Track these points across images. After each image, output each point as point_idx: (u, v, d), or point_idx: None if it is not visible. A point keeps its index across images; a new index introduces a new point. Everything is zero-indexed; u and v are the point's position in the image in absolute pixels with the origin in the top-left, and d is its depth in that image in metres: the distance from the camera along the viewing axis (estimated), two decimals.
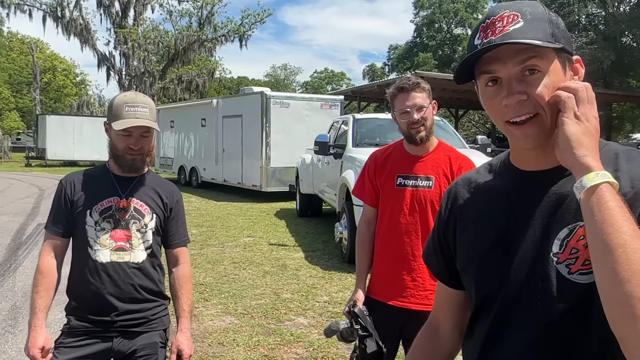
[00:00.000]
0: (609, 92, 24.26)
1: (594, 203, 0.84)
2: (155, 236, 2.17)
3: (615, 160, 0.96)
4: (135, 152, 2.08)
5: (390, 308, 2.32)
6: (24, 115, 52.58)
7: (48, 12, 31.94)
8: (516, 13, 0.96)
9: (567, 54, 0.98)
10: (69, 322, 2.11)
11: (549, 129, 0.96)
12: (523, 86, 0.94)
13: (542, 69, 0.94)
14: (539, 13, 0.97)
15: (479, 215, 1.11)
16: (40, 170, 26.52)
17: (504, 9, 0.97)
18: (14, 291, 5.73)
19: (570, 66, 0.99)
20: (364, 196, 2.52)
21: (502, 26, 0.95)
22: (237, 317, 4.95)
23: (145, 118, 2.04)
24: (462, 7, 47.63)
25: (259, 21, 32.91)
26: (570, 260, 0.94)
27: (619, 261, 0.78)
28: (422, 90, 2.28)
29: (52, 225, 2.14)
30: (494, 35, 0.95)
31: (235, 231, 9.50)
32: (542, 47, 0.93)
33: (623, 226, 0.80)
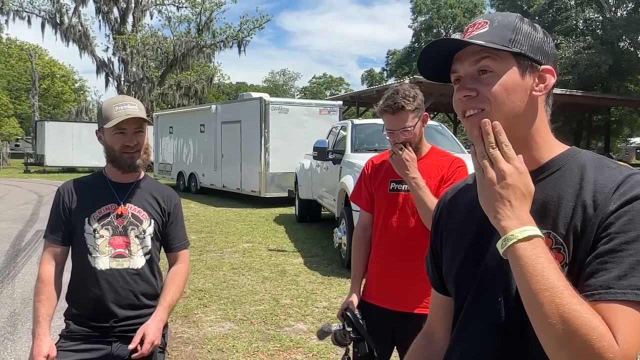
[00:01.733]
0: (607, 96, 24.30)
1: (515, 262, 0.89)
2: (154, 241, 2.18)
3: (583, 169, 0.99)
4: (132, 150, 2.09)
5: (383, 311, 2.34)
6: (22, 122, 52.56)
7: (47, 19, 32.02)
8: (486, 20, 1.04)
9: (532, 61, 1.02)
10: (67, 327, 2.11)
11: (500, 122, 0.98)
12: (475, 84, 1.01)
13: (495, 69, 1.00)
14: (507, 21, 1.03)
15: (459, 223, 1.16)
16: (39, 177, 26.49)
17: (482, 17, 1.06)
18: (13, 298, 5.72)
19: (536, 74, 1.03)
20: (360, 202, 2.55)
21: (471, 31, 1.04)
22: (237, 323, 4.94)
23: (135, 113, 2.06)
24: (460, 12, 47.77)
25: (257, 27, 33.06)
26: None
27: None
28: (408, 112, 2.25)
29: (51, 234, 2.14)
30: (468, 35, 1.04)
31: (235, 237, 9.50)
32: (488, 48, 0.99)
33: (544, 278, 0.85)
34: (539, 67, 1.03)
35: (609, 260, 0.88)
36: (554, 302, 0.83)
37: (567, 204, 0.97)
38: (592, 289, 0.88)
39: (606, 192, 0.93)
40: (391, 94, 2.28)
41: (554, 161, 1.03)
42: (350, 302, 2.39)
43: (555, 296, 0.83)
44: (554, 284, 0.84)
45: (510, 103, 1.00)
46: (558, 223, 0.96)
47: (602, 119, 31.05)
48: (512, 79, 1.00)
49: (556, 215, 0.97)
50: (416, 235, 2.32)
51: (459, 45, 1.02)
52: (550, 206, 0.99)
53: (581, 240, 0.93)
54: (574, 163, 1.01)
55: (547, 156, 1.03)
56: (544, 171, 1.02)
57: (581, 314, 0.82)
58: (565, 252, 0.95)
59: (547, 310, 0.84)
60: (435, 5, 48.56)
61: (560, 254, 0.95)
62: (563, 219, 0.96)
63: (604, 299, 0.86)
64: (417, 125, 2.29)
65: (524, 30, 1.02)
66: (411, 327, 2.32)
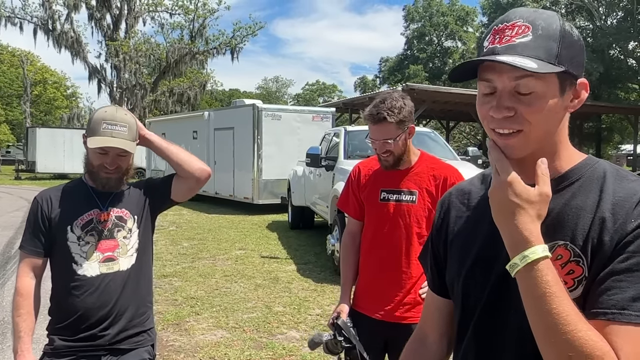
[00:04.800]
0: (598, 103, 24.47)
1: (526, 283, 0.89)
2: (143, 235, 2.13)
3: (602, 180, 0.97)
4: (110, 171, 2.03)
5: (374, 321, 2.32)
6: (14, 128, 52.20)
7: (39, 25, 31.87)
8: (528, 25, 0.94)
9: (572, 76, 0.96)
10: (51, 343, 2.03)
11: (532, 145, 0.96)
12: (513, 101, 0.94)
13: (537, 89, 0.93)
14: (551, 29, 0.94)
15: (467, 228, 1.13)
16: (30, 184, 26.28)
17: (520, 17, 0.96)
18: (3, 306, 5.65)
19: (573, 89, 0.98)
20: (348, 209, 2.51)
21: (510, 36, 0.94)
22: (229, 331, 4.90)
23: (123, 138, 1.97)
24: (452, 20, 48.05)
25: (250, 34, 33.03)
26: None
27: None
28: (390, 124, 2.21)
29: (29, 245, 2.05)
30: (500, 44, 0.94)
31: (227, 244, 9.45)
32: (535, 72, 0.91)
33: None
34: (576, 82, 0.97)
35: (625, 279, 0.86)
36: (560, 328, 0.83)
37: (585, 216, 0.94)
38: (604, 307, 0.86)
39: (627, 207, 0.91)
40: (377, 103, 2.24)
41: (574, 171, 1.00)
42: (340, 311, 2.36)
43: (561, 322, 0.83)
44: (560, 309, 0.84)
45: (548, 124, 0.96)
46: (576, 235, 0.94)
47: (593, 126, 31.26)
48: (554, 100, 0.94)
49: (575, 227, 0.95)
50: (407, 245, 2.30)
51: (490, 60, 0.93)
52: (569, 217, 0.96)
53: (598, 254, 0.91)
54: (593, 173, 0.98)
55: (567, 165, 1.01)
56: (564, 180, 1.00)
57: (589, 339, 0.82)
58: (583, 264, 0.92)
59: (552, 335, 0.84)
60: (428, 13, 48.82)
61: (579, 267, 0.93)
62: (581, 230, 0.94)
63: (617, 320, 0.84)
64: (400, 137, 2.24)
65: (567, 40, 0.94)
66: (403, 336, 2.30)
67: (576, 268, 0.92)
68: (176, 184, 2.22)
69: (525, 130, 0.94)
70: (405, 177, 2.35)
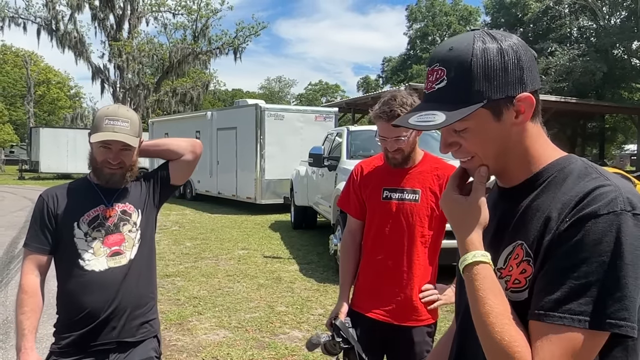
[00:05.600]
0: (601, 103, 24.44)
1: (466, 285, 0.99)
2: (146, 228, 2.15)
3: (565, 179, 0.98)
4: (113, 167, 2.04)
5: (373, 321, 2.30)
6: (17, 128, 52.36)
7: (42, 25, 31.95)
8: (443, 68, 0.98)
9: (504, 99, 0.97)
10: (59, 342, 2.03)
11: (491, 162, 1.03)
12: (455, 137, 1.02)
13: (469, 125, 0.99)
14: (464, 68, 0.96)
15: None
16: (34, 183, 26.35)
17: (437, 60, 1.00)
18: (6, 306, 5.67)
19: (512, 108, 0.98)
20: (348, 208, 2.49)
21: (432, 82, 1.00)
22: (231, 331, 4.91)
23: (125, 133, 1.99)
24: (455, 19, 48.01)
25: (253, 34, 33.01)
26: (508, 276, 0.99)
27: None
28: None
29: (33, 242, 2.06)
30: (427, 90, 1.02)
31: (230, 244, 9.46)
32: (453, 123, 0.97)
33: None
34: (513, 101, 0.97)
35: (554, 281, 0.89)
36: (490, 324, 0.91)
37: (540, 216, 0.96)
38: (535, 308, 0.90)
39: (569, 208, 0.92)
40: (387, 100, 2.21)
41: (544, 171, 1.02)
42: (338, 312, 2.35)
43: (487, 323, 0.92)
44: (493, 308, 0.92)
45: (495, 146, 1.01)
46: (530, 235, 0.96)
47: (596, 126, 31.21)
48: (489, 128, 0.98)
49: (531, 227, 0.97)
50: (409, 245, 2.28)
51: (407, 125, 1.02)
52: (528, 217, 0.99)
53: (540, 254, 0.93)
54: (561, 173, 0.99)
55: (540, 164, 1.03)
56: (535, 181, 1.02)
57: (505, 336, 0.90)
58: (532, 264, 0.95)
59: (484, 329, 0.93)
60: (431, 13, 48.80)
61: (529, 266, 0.95)
62: (533, 230, 0.96)
63: (542, 320, 0.88)
64: (411, 135, 2.23)
65: (484, 69, 0.95)
66: (402, 338, 2.30)
67: (527, 267, 0.95)
68: (173, 168, 2.26)
69: (476, 156, 1.03)
70: (409, 175, 2.33)
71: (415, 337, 2.27)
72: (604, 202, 0.88)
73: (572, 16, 29.97)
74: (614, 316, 0.84)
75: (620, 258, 0.84)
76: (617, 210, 0.87)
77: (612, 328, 0.84)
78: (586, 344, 0.85)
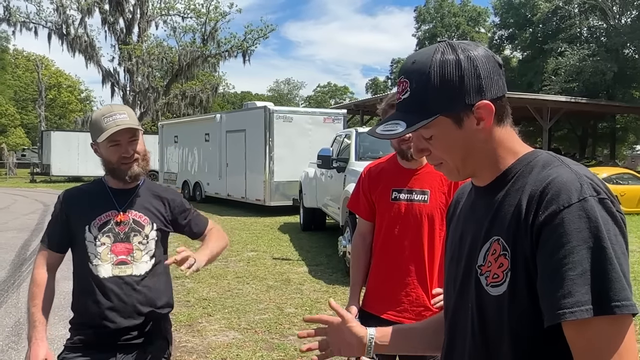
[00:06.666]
0: (612, 103, 24.23)
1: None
2: (160, 245, 2.15)
3: (530, 171, 1.01)
4: (129, 160, 2.05)
5: (384, 322, 2.30)
6: (29, 132, 52.85)
7: (53, 30, 32.28)
8: (406, 80, 1.04)
9: (463, 108, 1.00)
10: (72, 337, 2.09)
11: (457, 169, 1.07)
12: (424, 144, 1.07)
13: (434, 133, 1.04)
14: (422, 81, 1.01)
15: (452, 227, 1.23)
16: (45, 186, 26.60)
17: (402, 72, 1.06)
18: (18, 307, 5.72)
19: (472, 115, 1.01)
20: (358, 210, 2.50)
21: (399, 93, 1.05)
22: (241, 332, 4.92)
23: (126, 123, 2.01)
24: (464, 20, 47.86)
25: (262, 37, 33.16)
26: (487, 272, 1.01)
27: None
28: None
29: (48, 240, 2.13)
30: (398, 100, 1.06)
31: (239, 246, 9.49)
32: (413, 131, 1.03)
33: None
34: (472, 109, 1.01)
35: (552, 279, 0.89)
36: None
37: (511, 209, 0.98)
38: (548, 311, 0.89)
39: (535, 197, 0.94)
40: (392, 94, 2.25)
41: (513, 167, 1.04)
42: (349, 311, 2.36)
43: None
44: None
45: (460, 152, 1.04)
46: (505, 229, 0.98)
47: (607, 127, 30.95)
48: (452, 135, 1.03)
49: (504, 221, 0.99)
50: (419, 245, 2.29)
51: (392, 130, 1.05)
52: (501, 212, 1.01)
53: (517, 246, 0.95)
54: (527, 167, 1.02)
55: (508, 162, 1.05)
56: (504, 178, 1.04)
57: None
58: (508, 257, 0.96)
59: None
60: (439, 14, 48.67)
61: (506, 260, 0.96)
62: (508, 224, 0.98)
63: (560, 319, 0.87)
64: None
65: (441, 81, 1.00)
66: None
67: (504, 261, 0.97)
68: (194, 239, 2.32)
69: (444, 162, 1.07)
70: (417, 176, 2.34)
71: None
72: (572, 190, 0.90)
73: (582, 16, 29.77)
74: (616, 297, 0.84)
75: (604, 241, 0.86)
76: (586, 196, 0.89)
77: (621, 310, 0.84)
78: (605, 330, 0.85)
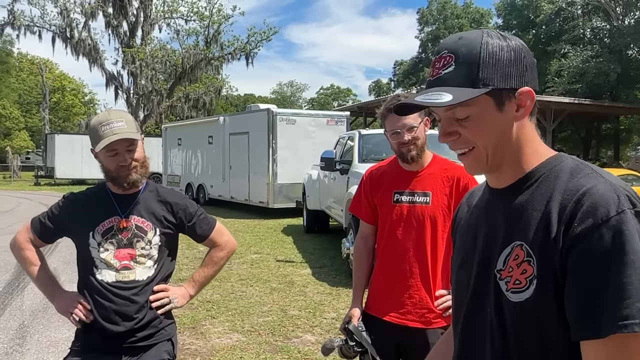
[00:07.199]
0: (615, 104, 24.16)
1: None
2: (164, 250, 2.15)
3: (557, 177, 0.98)
4: (127, 169, 2.05)
5: (387, 324, 2.30)
6: (33, 135, 53.06)
7: (57, 33, 32.40)
8: (451, 54, 1.00)
9: (507, 90, 0.99)
10: (77, 340, 2.11)
11: (487, 158, 1.03)
12: (455, 126, 1.02)
13: (471, 113, 0.99)
14: (472, 54, 0.99)
15: (463, 231, 1.19)
16: (49, 189, 26.67)
17: (445, 48, 1.03)
18: (22, 310, 5.73)
19: (514, 100, 1.00)
20: (360, 213, 2.50)
21: (438, 68, 1.01)
22: (244, 335, 4.92)
23: (123, 132, 2.00)
24: (467, 22, 47.84)
25: (264, 39, 33.19)
26: (508, 278, 0.98)
27: None
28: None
29: (39, 223, 2.17)
30: (432, 76, 1.02)
31: (242, 248, 9.49)
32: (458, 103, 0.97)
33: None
34: (515, 94, 1.00)
35: (589, 293, 0.87)
36: None
37: (537, 215, 0.96)
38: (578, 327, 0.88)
39: (569, 207, 0.91)
40: (391, 98, 2.30)
41: (536, 170, 1.02)
42: (351, 315, 2.35)
43: None
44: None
45: (495, 137, 1.01)
46: (528, 234, 0.96)
47: (611, 128, 30.86)
48: (491, 117, 1.00)
49: (528, 227, 0.97)
50: (422, 247, 2.29)
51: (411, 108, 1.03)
52: (524, 217, 0.98)
53: (545, 254, 0.93)
54: (552, 172, 1.00)
55: (531, 165, 1.03)
56: (527, 181, 1.02)
57: None
58: (534, 264, 0.94)
59: None
60: (442, 16, 48.67)
61: (530, 267, 0.94)
62: (532, 230, 0.96)
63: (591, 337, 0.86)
64: (420, 127, 2.27)
65: (491, 59, 0.98)
66: (416, 341, 2.29)
67: (528, 268, 0.94)
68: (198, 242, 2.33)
69: (476, 146, 1.02)
70: (419, 178, 2.34)
71: (430, 339, 2.26)
72: (609, 203, 0.88)
73: (585, 17, 29.72)
74: None
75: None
76: (624, 209, 0.87)
77: None
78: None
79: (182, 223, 2.20)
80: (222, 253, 2.29)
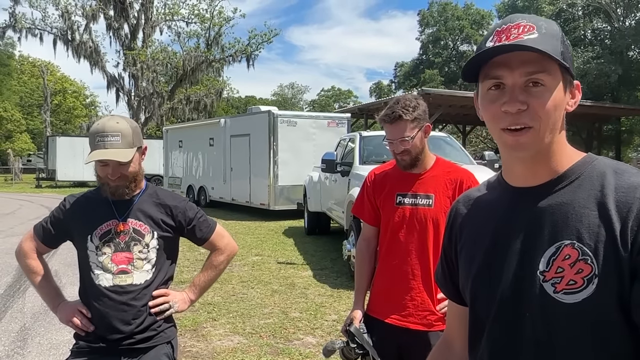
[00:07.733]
0: (617, 105, 24.15)
1: None
2: (162, 253, 2.14)
3: (602, 176, 0.97)
4: (115, 181, 2.05)
5: (389, 326, 2.30)
6: (34, 137, 53.14)
7: (58, 36, 32.45)
8: (532, 25, 0.97)
9: (571, 76, 1.00)
10: (77, 343, 2.12)
11: (541, 142, 0.98)
12: (525, 96, 0.95)
13: (547, 83, 0.96)
14: (554, 30, 0.98)
15: (473, 233, 1.13)
16: (51, 191, 26.69)
17: (521, 18, 0.99)
18: (23, 312, 5.74)
19: (570, 89, 1.01)
20: (362, 215, 2.50)
21: (517, 34, 0.96)
22: (246, 337, 4.92)
23: (116, 148, 1.97)
24: (468, 24, 47.85)
25: (265, 41, 33.19)
26: (556, 279, 0.94)
27: None
28: (406, 121, 2.23)
29: (42, 229, 2.18)
30: (508, 41, 0.95)
31: (244, 250, 9.49)
32: (554, 60, 0.94)
33: None
34: (573, 83, 1.01)
35: None
36: None
37: (589, 214, 0.93)
38: None
39: (630, 203, 0.90)
40: (392, 104, 2.28)
41: (573, 169, 1.00)
42: (353, 317, 2.35)
43: None
44: None
45: (555, 120, 0.98)
46: (582, 233, 0.93)
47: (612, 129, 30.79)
48: (560, 95, 0.97)
49: (579, 225, 0.94)
50: (424, 250, 2.28)
51: (511, 49, 0.95)
52: (572, 216, 0.95)
53: (609, 251, 0.90)
54: (592, 170, 0.98)
55: (566, 164, 1.01)
56: (564, 180, 1.00)
57: None
58: (592, 263, 0.91)
59: None
60: (443, 18, 48.69)
61: (588, 265, 0.91)
62: (587, 228, 0.93)
63: None
64: (417, 136, 2.26)
65: (565, 43, 0.99)
66: (417, 343, 2.29)
67: (585, 267, 0.91)
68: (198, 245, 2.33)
69: (535, 127, 0.96)
70: (422, 180, 2.34)
71: (432, 342, 2.26)
72: None
73: (586, 18, 29.73)
74: None
75: None
76: None
77: None
78: None
79: (182, 226, 2.19)
80: (222, 257, 2.29)
